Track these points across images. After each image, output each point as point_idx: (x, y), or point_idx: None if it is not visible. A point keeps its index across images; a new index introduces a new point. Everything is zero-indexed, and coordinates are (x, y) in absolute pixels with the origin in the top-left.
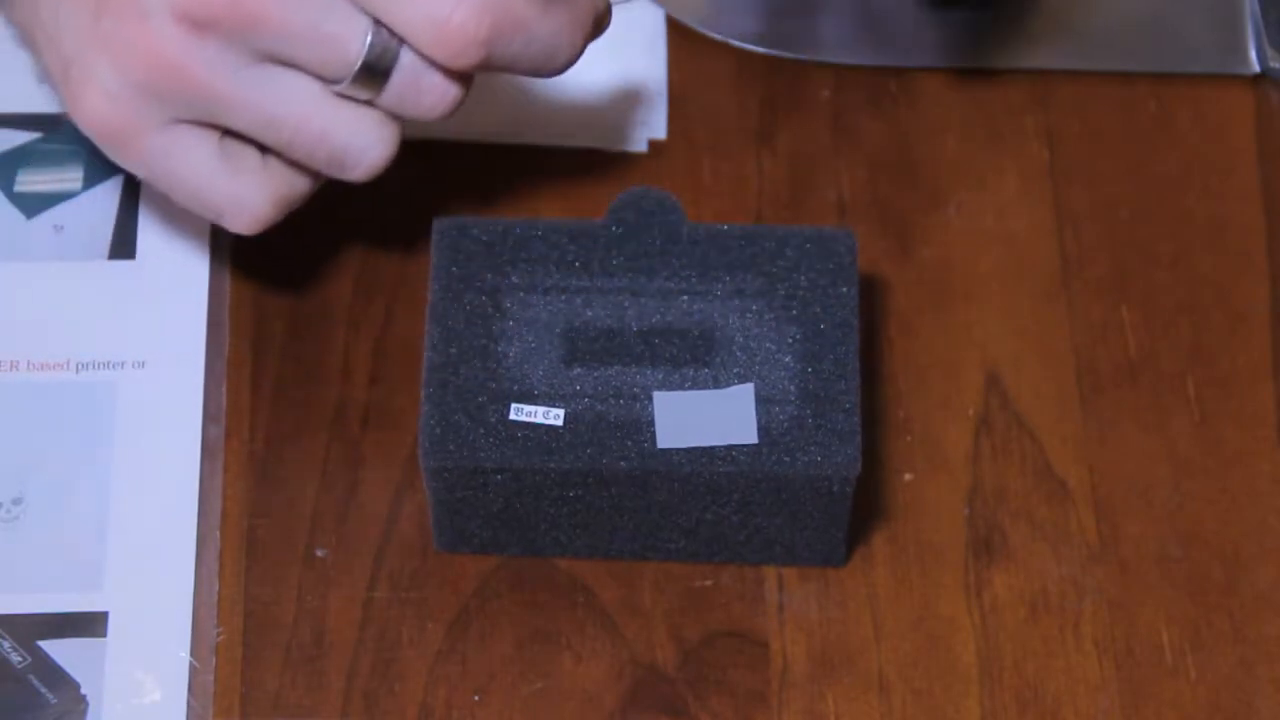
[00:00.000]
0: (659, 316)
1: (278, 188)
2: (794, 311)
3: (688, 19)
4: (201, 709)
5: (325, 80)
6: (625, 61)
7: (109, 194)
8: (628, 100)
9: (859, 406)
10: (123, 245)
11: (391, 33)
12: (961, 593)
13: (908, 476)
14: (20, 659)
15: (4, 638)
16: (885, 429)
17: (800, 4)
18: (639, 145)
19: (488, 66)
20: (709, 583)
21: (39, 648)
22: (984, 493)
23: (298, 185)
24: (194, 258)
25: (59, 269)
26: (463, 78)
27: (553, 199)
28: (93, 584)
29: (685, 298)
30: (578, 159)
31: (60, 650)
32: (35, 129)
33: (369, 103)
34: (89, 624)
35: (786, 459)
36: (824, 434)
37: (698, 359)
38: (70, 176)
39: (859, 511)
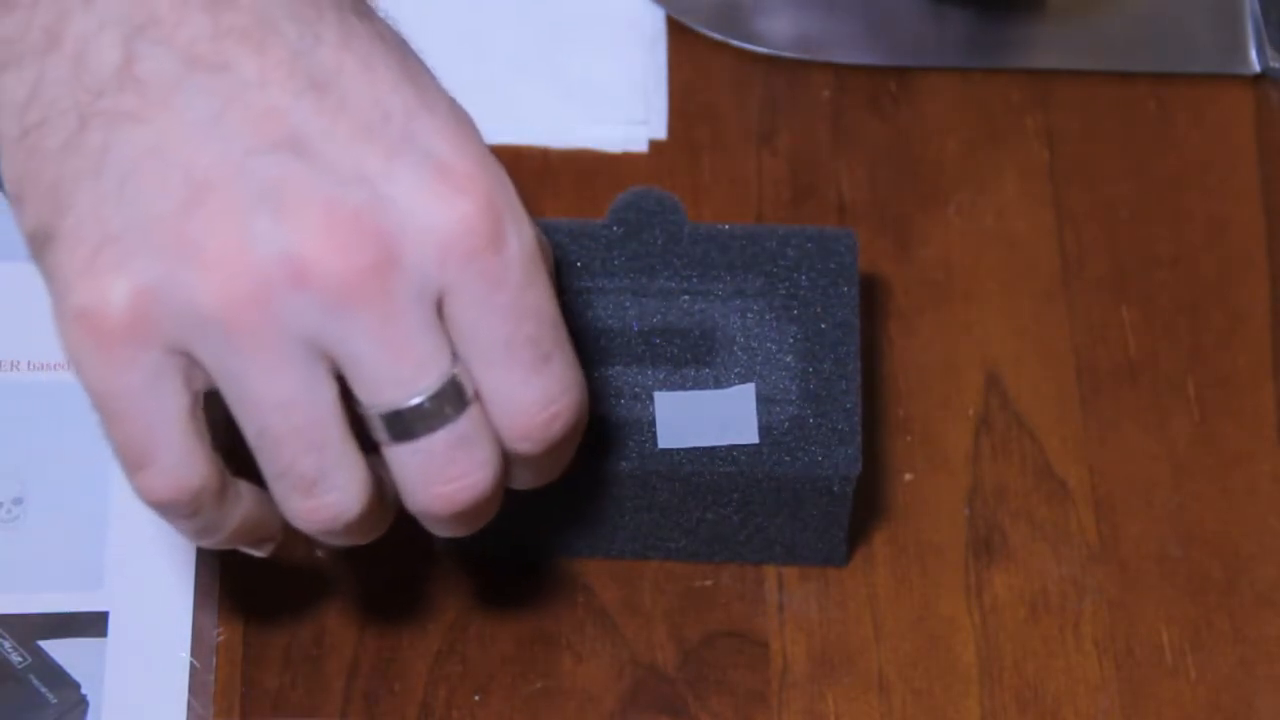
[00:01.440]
0: (660, 316)
1: (210, 479)
2: (795, 311)
3: (688, 19)
4: (201, 709)
5: (360, 396)
6: (625, 61)
7: None
8: (628, 100)
9: (860, 406)
10: None
11: (463, 389)
12: (961, 593)
13: (908, 476)
14: (20, 659)
15: (4, 638)
16: (885, 429)
17: (801, 4)
18: (639, 145)
19: (526, 465)
20: (709, 583)
21: (39, 648)
22: (984, 493)
23: (227, 500)
24: None
25: None
26: (491, 482)
27: (553, 199)
28: (93, 584)
29: (686, 298)
30: (578, 159)
31: (60, 650)
32: None
33: (372, 451)
34: (89, 624)
35: (787, 459)
36: (825, 434)
37: (698, 359)
38: None
39: (859, 511)
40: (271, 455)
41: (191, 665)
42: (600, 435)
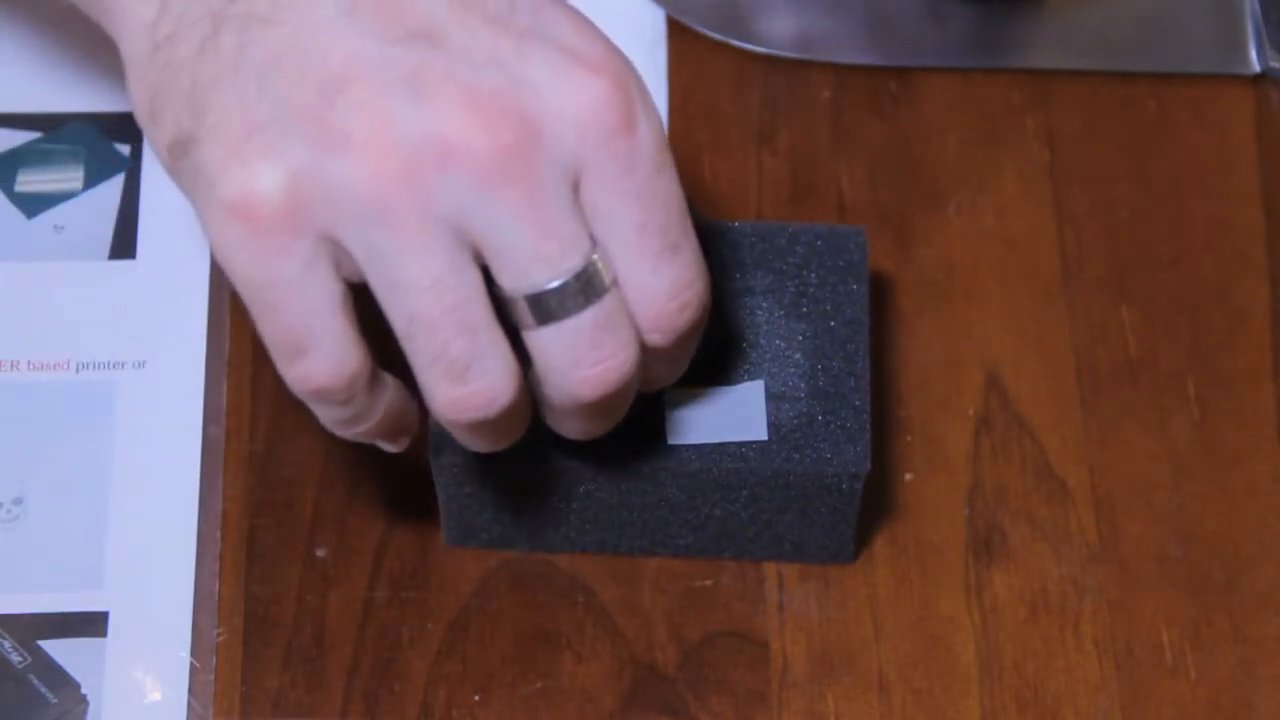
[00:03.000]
0: None
1: (364, 364)
2: (804, 308)
3: (688, 19)
4: (201, 709)
5: (504, 280)
6: None
7: (109, 194)
8: None
9: (869, 404)
10: (123, 245)
11: (602, 271)
12: (961, 593)
13: (908, 476)
14: (20, 659)
15: (4, 638)
16: (885, 429)
17: (801, 4)
18: None
19: (655, 358)
20: (709, 583)
21: (39, 648)
22: (984, 493)
23: (377, 387)
24: (194, 258)
25: (59, 269)
26: (634, 364)
27: None
28: (93, 584)
29: None
30: None
31: (60, 650)
32: (35, 129)
33: (514, 339)
34: (89, 624)
35: (796, 456)
36: (834, 431)
37: (708, 355)
38: (70, 176)
39: (859, 511)
40: (424, 341)
41: (191, 665)
42: (609, 431)
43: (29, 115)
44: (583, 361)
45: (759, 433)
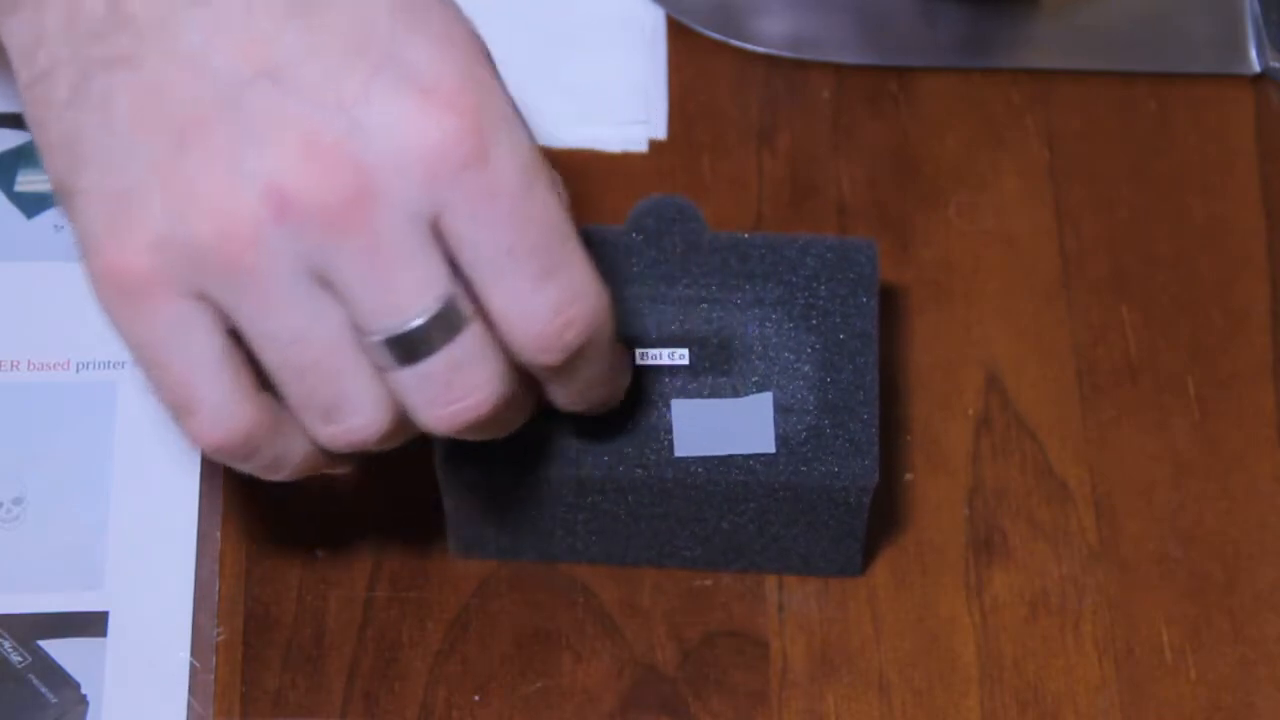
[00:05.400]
0: (678, 324)
1: (258, 417)
2: (813, 321)
3: (687, 19)
4: (201, 709)
5: (360, 324)
6: (625, 61)
7: None
8: (628, 100)
9: (877, 417)
10: None
11: (459, 310)
12: (962, 593)
13: (908, 476)
14: (20, 659)
15: (4, 638)
16: (886, 428)
17: (796, 4)
18: (639, 145)
19: (553, 379)
20: (709, 583)
21: (39, 647)
22: (984, 493)
23: (283, 435)
24: None
25: (59, 269)
26: (493, 400)
27: None
28: (93, 584)
29: (705, 305)
30: (578, 159)
31: (60, 650)
32: None
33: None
34: (89, 624)
35: (804, 469)
36: (842, 444)
37: (716, 368)
38: None
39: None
40: (293, 388)
41: (191, 665)
42: (617, 442)
43: None
44: (435, 402)
45: (767, 445)
